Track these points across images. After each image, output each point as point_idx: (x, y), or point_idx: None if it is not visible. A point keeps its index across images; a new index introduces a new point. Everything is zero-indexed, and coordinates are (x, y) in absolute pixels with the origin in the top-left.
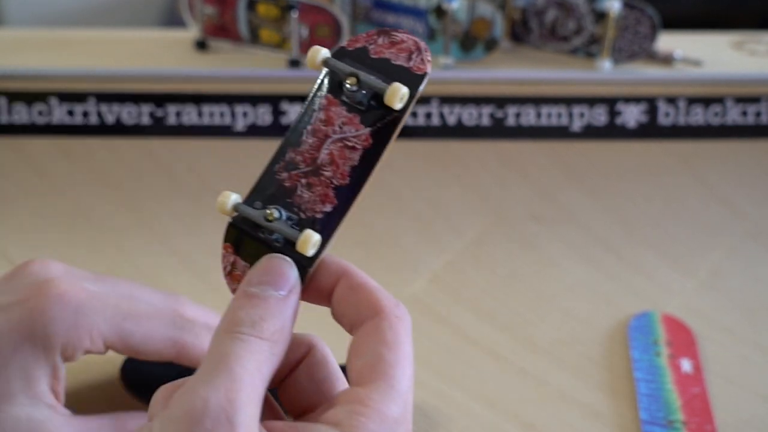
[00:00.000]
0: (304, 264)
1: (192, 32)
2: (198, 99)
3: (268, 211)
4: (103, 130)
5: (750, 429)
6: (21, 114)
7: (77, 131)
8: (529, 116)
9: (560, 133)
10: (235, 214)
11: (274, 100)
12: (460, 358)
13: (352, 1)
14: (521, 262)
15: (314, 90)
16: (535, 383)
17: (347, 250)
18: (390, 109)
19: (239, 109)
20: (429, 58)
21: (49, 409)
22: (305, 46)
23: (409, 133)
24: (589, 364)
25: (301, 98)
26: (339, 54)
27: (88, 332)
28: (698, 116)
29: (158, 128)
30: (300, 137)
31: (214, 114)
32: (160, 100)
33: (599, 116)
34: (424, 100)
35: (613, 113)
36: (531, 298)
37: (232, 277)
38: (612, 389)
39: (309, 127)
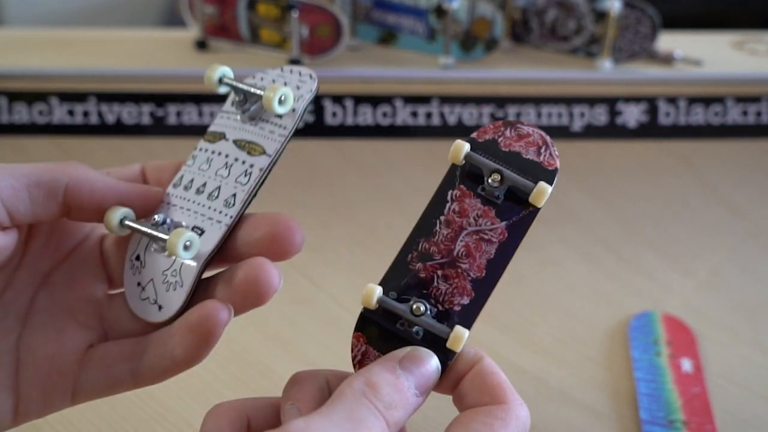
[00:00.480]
0: (445, 360)
1: (192, 32)
2: (198, 99)
3: (414, 306)
4: (103, 129)
5: (750, 428)
6: (21, 114)
7: (78, 131)
8: (530, 116)
9: (561, 132)
10: (377, 306)
11: None
12: None
13: (352, 1)
14: (521, 262)
15: (445, 180)
16: (535, 383)
17: (347, 251)
18: (527, 204)
19: None
20: (557, 153)
21: None
22: (305, 46)
23: (410, 132)
24: (589, 364)
25: None
26: (472, 146)
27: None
28: (698, 116)
29: (159, 128)
30: (433, 227)
31: (215, 113)
32: (161, 99)
33: (599, 116)
34: (425, 99)
35: (614, 113)
36: (531, 298)
37: (362, 366)
38: (612, 389)
39: (442, 218)
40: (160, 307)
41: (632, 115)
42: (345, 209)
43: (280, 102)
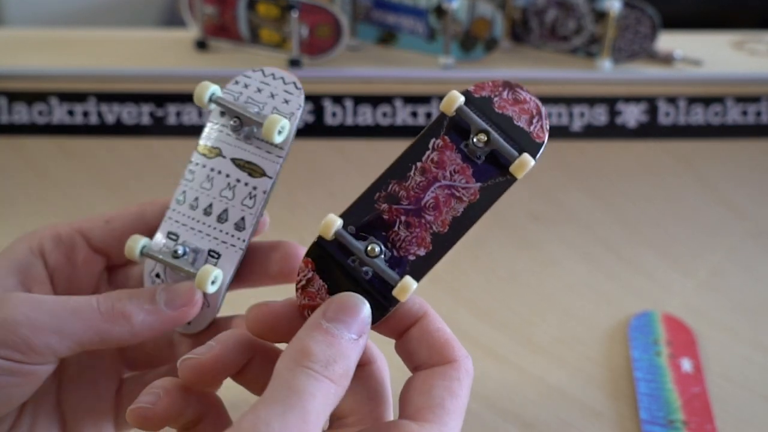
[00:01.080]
0: (388, 304)
1: (192, 32)
2: None
3: (370, 247)
4: (103, 129)
5: (750, 428)
6: (21, 114)
7: (78, 131)
8: None
9: (560, 132)
10: (333, 238)
11: None
12: None
13: (352, 1)
14: (521, 262)
15: (431, 127)
16: (535, 383)
17: None
18: (505, 172)
19: None
20: (548, 127)
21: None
22: (305, 46)
23: (410, 132)
24: (589, 364)
25: None
26: (466, 99)
27: (52, 227)
28: (698, 116)
29: (158, 128)
30: (407, 171)
31: None
32: (161, 99)
33: (599, 116)
34: (425, 99)
35: (614, 113)
36: (531, 298)
37: (305, 293)
38: (612, 389)
39: (419, 164)
40: (188, 323)
41: (632, 115)
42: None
43: (279, 132)
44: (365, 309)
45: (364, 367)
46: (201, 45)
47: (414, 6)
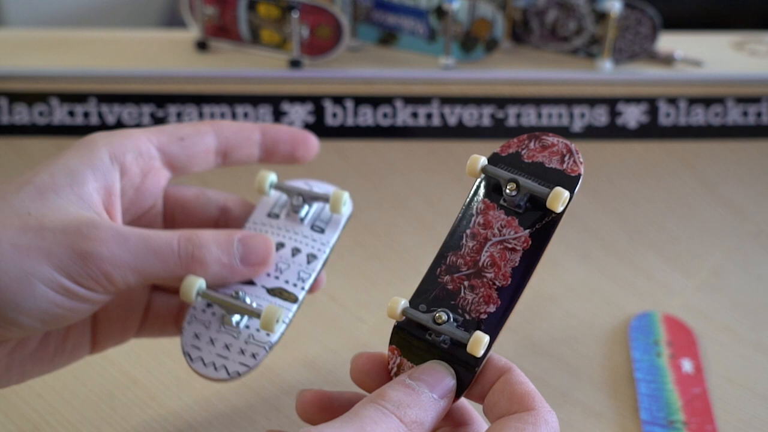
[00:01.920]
0: (472, 364)
1: (192, 32)
2: (199, 99)
3: (436, 314)
4: (104, 130)
5: (751, 429)
6: (22, 114)
7: (78, 132)
8: (530, 116)
9: (561, 133)
10: (403, 318)
11: (274, 101)
12: None
13: (352, 2)
14: None
15: (470, 195)
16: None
17: (347, 251)
18: (548, 211)
19: (240, 109)
20: (581, 160)
21: (99, 214)
22: (306, 47)
23: (410, 133)
24: (589, 364)
25: (301, 99)
26: (494, 160)
27: (129, 133)
28: (699, 116)
29: None
30: (460, 241)
31: (215, 114)
32: (161, 100)
33: (600, 116)
34: (425, 100)
35: (614, 113)
36: (531, 298)
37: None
38: (612, 389)
39: (468, 231)
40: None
41: (633, 115)
42: None
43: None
44: (446, 373)
45: (463, 427)
46: (201, 45)
47: (414, 7)
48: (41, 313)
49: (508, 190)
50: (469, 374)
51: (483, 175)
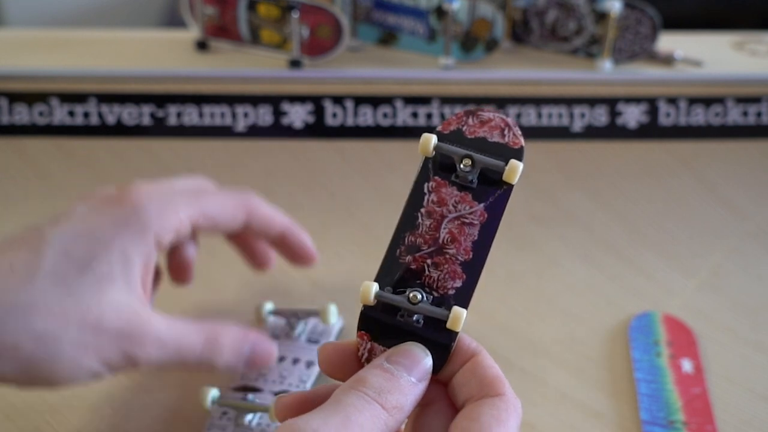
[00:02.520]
0: (448, 341)
1: (192, 32)
2: (199, 99)
3: (411, 294)
4: (104, 130)
5: (751, 429)
6: (22, 114)
7: (78, 132)
8: (530, 116)
9: (561, 133)
10: (375, 302)
11: (274, 101)
12: None
13: (352, 2)
14: (521, 263)
15: (419, 175)
16: (535, 383)
17: (347, 251)
18: (501, 184)
19: (240, 109)
20: (520, 132)
21: (139, 301)
22: (306, 47)
23: (410, 133)
24: (589, 365)
25: (301, 99)
26: (440, 138)
27: (175, 211)
28: (699, 116)
29: (159, 129)
30: (415, 221)
31: (215, 114)
32: (161, 100)
33: (600, 116)
34: (425, 100)
35: (614, 113)
36: (531, 298)
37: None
38: (612, 389)
39: (423, 210)
40: None
41: (632, 115)
42: (345, 210)
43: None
44: (423, 354)
45: (429, 407)
46: (201, 45)
47: (414, 7)
48: (79, 382)
49: (462, 167)
50: (444, 352)
51: (429, 155)
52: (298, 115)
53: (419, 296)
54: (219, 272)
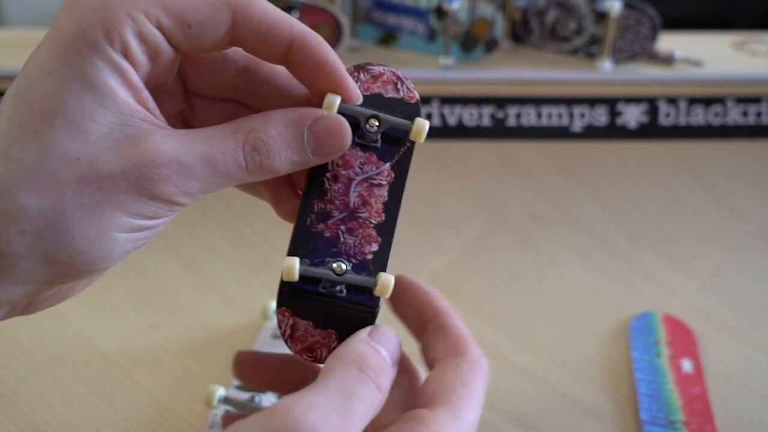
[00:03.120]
0: (374, 306)
1: None
2: None
3: (335, 265)
4: None
5: (750, 429)
6: None
7: None
8: (530, 116)
9: (561, 133)
10: (298, 277)
11: None
12: None
13: (352, 2)
14: (521, 262)
15: None
16: (535, 383)
17: None
18: (403, 142)
19: None
20: (412, 85)
21: (145, 123)
22: None
23: None
24: (589, 365)
25: None
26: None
27: (122, 7)
28: (699, 116)
29: None
30: (322, 186)
31: None
32: None
33: (600, 116)
34: (425, 100)
35: (614, 113)
36: (531, 298)
37: (294, 339)
38: (612, 389)
39: (329, 174)
40: None
41: (632, 115)
42: None
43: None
44: (397, 341)
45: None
46: None
47: (414, 7)
48: (127, 253)
49: (368, 127)
50: (372, 317)
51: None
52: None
53: (344, 266)
54: (220, 272)
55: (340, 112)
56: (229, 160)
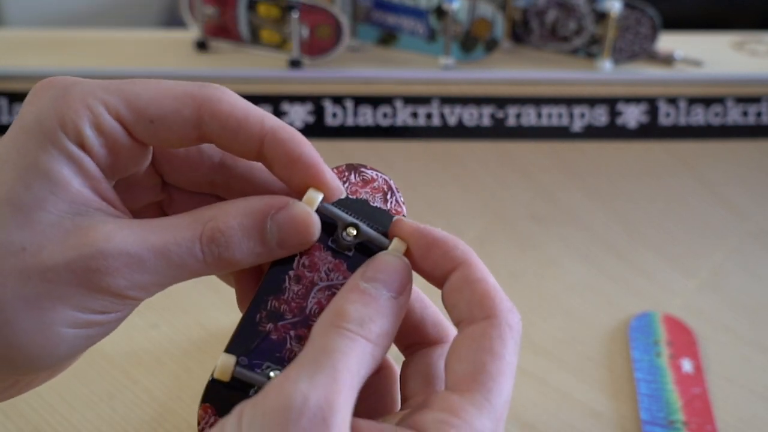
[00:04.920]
0: None
1: (192, 32)
2: None
3: (272, 374)
4: None
5: (750, 429)
6: None
7: None
8: (530, 116)
9: (561, 133)
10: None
11: (274, 101)
12: None
13: (352, 2)
14: (521, 262)
15: None
16: (535, 383)
17: None
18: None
19: None
20: (402, 199)
21: (99, 213)
22: (306, 47)
23: (410, 133)
24: (589, 365)
25: (300, 99)
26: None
27: (80, 99)
28: (699, 116)
29: None
30: (282, 284)
31: None
32: None
33: (600, 116)
34: (425, 100)
35: (614, 113)
36: (531, 298)
37: None
38: (613, 389)
39: (291, 273)
40: None
41: (632, 115)
42: None
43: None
44: (401, 265)
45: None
46: (201, 45)
47: (414, 7)
48: (79, 349)
49: (345, 234)
50: None
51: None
52: (297, 114)
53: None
54: None
55: (319, 211)
56: (185, 251)
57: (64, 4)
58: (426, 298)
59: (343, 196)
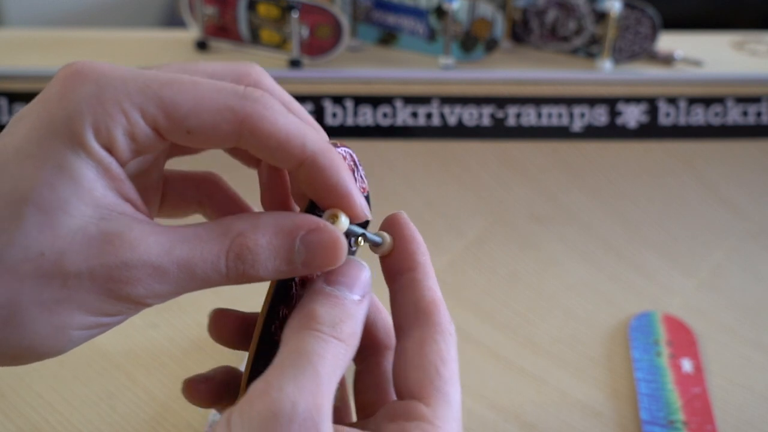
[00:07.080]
0: None
1: (192, 32)
2: None
3: None
4: None
5: (750, 429)
6: None
7: None
8: (530, 116)
9: (561, 133)
10: None
11: None
12: (461, 359)
13: (352, 2)
14: (521, 262)
15: None
16: (535, 383)
17: None
18: (374, 249)
19: None
20: (363, 172)
21: (124, 217)
22: (305, 47)
23: (410, 133)
24: (589, 364)
25: (300, 98)
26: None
27: (117, 102)
28: (699, 116)
29: None
30: (290, 291)
31: None
32: None
33: (600, 116)
34: (425, 100)
35: (614, 113)
36: (531, 298)
37: None
38: (612, 389)
39: (297, 279)
40: None
41: (632, 115)
42: None
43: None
44: (360, 268)
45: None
46: (201, 45)
47: (414, 6)
48: (78, 344)
49: (353, 243)
50: None
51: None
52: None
53: None
54: None
55: (346, 234)
56: (210, 267)
57: (64, 4)
58: (379, 302)
59: (369, 218)
